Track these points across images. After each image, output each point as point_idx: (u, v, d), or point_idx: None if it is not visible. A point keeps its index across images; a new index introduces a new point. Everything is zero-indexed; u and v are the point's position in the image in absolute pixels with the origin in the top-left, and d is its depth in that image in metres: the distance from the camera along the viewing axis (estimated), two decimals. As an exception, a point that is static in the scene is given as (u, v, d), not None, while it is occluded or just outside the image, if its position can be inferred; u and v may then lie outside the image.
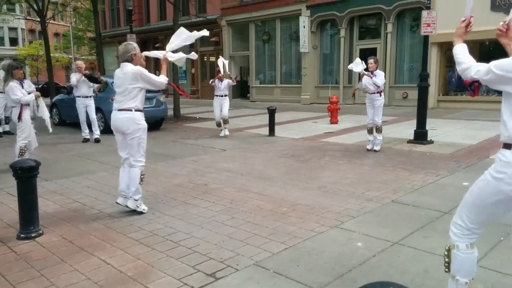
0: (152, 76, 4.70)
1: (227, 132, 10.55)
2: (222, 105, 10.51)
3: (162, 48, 22.32)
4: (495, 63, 2.27)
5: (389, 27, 17.30)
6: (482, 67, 2.35)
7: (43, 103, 7.16)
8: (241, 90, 23.63)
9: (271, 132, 10.63)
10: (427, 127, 9.02)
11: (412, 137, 9.06)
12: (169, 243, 3.95)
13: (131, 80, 4.58)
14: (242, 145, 9.42)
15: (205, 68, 25.83)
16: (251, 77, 22.97)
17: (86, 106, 9.99)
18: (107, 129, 11.23)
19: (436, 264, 3.34)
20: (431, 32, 8.79)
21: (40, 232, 4.17)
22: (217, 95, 10.62)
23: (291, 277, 3.21)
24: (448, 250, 2.55)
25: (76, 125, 12.34)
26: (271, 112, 10.66)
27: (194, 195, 5.53)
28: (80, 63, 9.94)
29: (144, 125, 4.78)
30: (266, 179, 6.28)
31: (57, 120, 13.69)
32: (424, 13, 8.80)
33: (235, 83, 11.36)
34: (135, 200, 4.77)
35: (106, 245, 3.92)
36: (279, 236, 4.03)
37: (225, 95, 10.56)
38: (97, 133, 10.12)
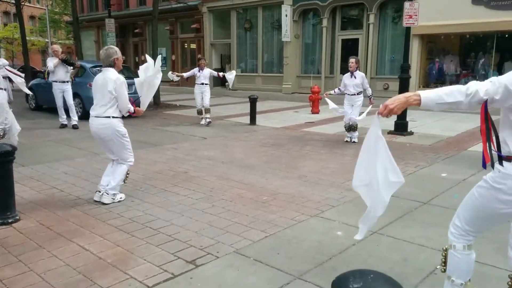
0: (125, 96, 4.53)
1: (208, 121, 10.46)
2: (203, 94, 10.42)
3: (141, 34, 21.88)
4: (506, 79, 2.04)
5: (371, 18, 17.35)
6: (486, 85, 2.09)
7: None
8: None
9: (252, 121, 10.61)
10: (407, 119, 9.13)
11: (392, 128, 9.16)
12: (149, 230, 3.91)
13: (111, 87, 4.44)
14: (223, 133, 9.38)
15: (185, 55, 25.52)
16: (232, 65, 22.80)
17: (63, 91, 9.76)
18: (85, 115, 11.03)
19: (414, 253, 3.41)
20: (413, 23, 8.86)
21: (17, 218, 4.08)
22: (197, 83, 10.52)
23: (271, 265, 3.22)
24: (445, 250, 2.50)
25: (53, 110, 12.08)
26: (253, 101, 10.62)
27: (174, 182, 5.48)
28: (57, 47, 9.69)
29: (124, 130, 4.67)
30: (247, 168, 6.27)
31: (34, 105, 13.37)
32: (407, 4, 8.85)
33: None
34: (107, 194, 4.61)
35: (85, 232, 3.86)
36: (260, 224, 4.04)
37: (206, 84, 10.46)
38: (75, 119, 9.92)
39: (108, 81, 4.43)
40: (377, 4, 17.14)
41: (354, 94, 8.04)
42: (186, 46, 25.35)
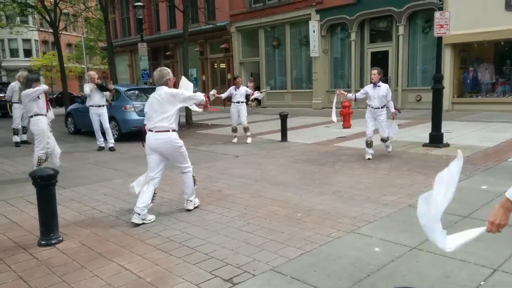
0: (186, 92, 4.91)
1: (249, 140, 10.53)
2: (239, 112, 10.55)
3: (173, 56, 22.51)
4: None
5: (401, 30, 17.22)
6: None
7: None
8: (252, 96, 23.67)
9: (284, 137, 10.63)
10: (443, 130, 8.94)
11: (427, 140, 8.98)
12: (186, 249, 3.97)
13: (168, 102, 4.77)
14: (254, 151, 9.43)
15: (215, 75, 25.97)
16: (262, 83, 23.01)
17: (99, 115, 10.09)
18: (121, 137, 11.38)
19: (457, 269, 3.31)
20: (445, 33, 8.73)
21: (60, 239, 4.22)
22: (234, 102, 10.66)
23: (309, 283, 3.20)
24: None
25: (91, 134, 12.48)
26: (283, 118, 10.66)
27: (208, 201, 5.55)
28: (93, 73, 10.07)
29: (181, 142, 5.02)
30: (280, 185, 6.28)
31: (72, 129, 13.87)
32: (437, 14, 8.74)
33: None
34: (189, 201, 5.14)
35: (124, 251, 3.95)
36: (295, 241, 4.03)
37: (242, 102, 10.57)
38: (111, 141, 10.22)
39: (164, 97, 4.78)
40: (406, 15, 17.01)
41: (378, 108, 7.76)
42: (215, 66, 25.81)
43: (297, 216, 4.78)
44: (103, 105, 10.09)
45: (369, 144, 7.88)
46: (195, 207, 5.22)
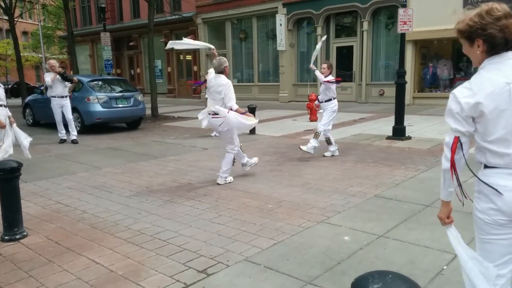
0: (232, 96, 5.78)
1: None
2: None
3: (136, 46, 21.95)
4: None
5: (365, 25, 17.54)
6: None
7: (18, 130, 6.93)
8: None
9: (252, 130, 10.64)
10: (404, 124, 9.21)
11: (390, 134, 9.25)
12: (158, 241, 3.94)
13: (221, 90, 5.71)
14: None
15: (181, 66, 25.65)
16: (229, 75, 22.90)
17: (61, 106, 9.80)
18: (84, 130, 11.10)
19: (421, 255, 3.45)
20: (408, 29, 8.97)
21: (25, 234, 4.10)
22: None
23: (282, 271, 3.26)
24: None
25: (51, 125, 12.10)
26: (251, 111, 10.67)
27: (179, 194, 5.52)
28: (53, 62, 9.74)
29: (233, 129, 5.94)
30: (250, 177, 6.31)
31: (31, 121, 13.40)
32: (401, 11, 8.98)
33: None
34: (221, 177, 5.90)
35: (94, 245, 3.88)
36: (267, 232, 4.07)
37: None
38: (74, 133, 9.94)
39: (219, 85, 5.71)
40: (370, 11, 17.34)
41: (323, 102, 7.52)
42: (181, 58, 25.49)
43: (268, 207, 4.83)
44: (65, 96, 9.80)
45: (327, 141, 7.59)
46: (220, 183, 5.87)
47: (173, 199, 5.30)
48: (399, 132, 9.04)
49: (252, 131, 10.60)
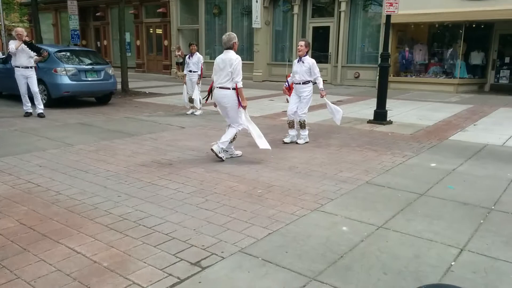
0: (240, 72, 5.69)
1: (197, 112, 10.03)
2: (192, 81, 10.00)
3: (103, 17, 21.05)
4: None
5: (343, 6, 17.30)
6: None
7: None
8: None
9: (229, 109, 10.31)
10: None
11: (370, 117, 9.15)
12: (143, 228, 3.63)
13: (230, 65, 5.62)
14: (200, 122, 9.08)
15: (151, 40, 24.73)
16: (201, 52, 22.26)
17: (26, 77, 9.12)
18: (50, 103, 10.46)
19: (425, 249, 3.31)
20: (394, 11, 8.80)
21: (-7, 218, 3.70)
22: (186, 70, 10.08)
23: (282, 265, 3.04)
24: None
25: (14, 97, 11.39)
26: (229, 89, 10.31)
27: (160, 175, 5.19)
28: (21, 30, 9.02)
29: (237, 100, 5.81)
30: (234, 159, 6.05)
31: (-8, 91, 12.54)
32: (387, -8, 8.77)
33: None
34: (219, 147, 5.81)
35: (72, 231, 3.54)
36: (260, 220, 3.84)
37: (195, 71, 9.98)
38: (40, 107, 9.32)
39: (229, 61, 5.64)
40: (348, -8, 17.10)
41: (300, 83, 6.96)
42: (151, 31, 24.53)
43: (258, 192, 4.59)
44: (31, 67, 9.12)
45: (289, 124, 7.15)
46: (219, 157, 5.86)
47: (154, 180, 4.97)
48: (380, 116, 8.95)
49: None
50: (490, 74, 16.44)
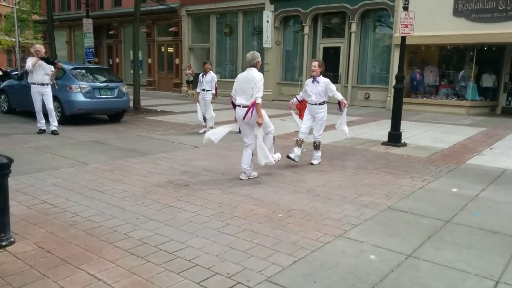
0: (261, 89, 5.71)
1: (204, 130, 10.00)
2: (205, 101, 9.95)
3: (116, 35, 21.28)
4: None
5: (353, 27, 17.40)
6: None
7: None
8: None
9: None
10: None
11: (383, 139, 9.06)
12: (164, 254, 3.53)
13: (252, 83, 5.65)
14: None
15: (162, 58, 24.95)
16: (212, 70, 22.38)
17: (42, 94, 9.16)
18: (64, 120, 10.48)
19: (459, 280, 3.18)
20: (409, 33, 8.80)
21: (12, 240, 3.61)
22: (200, 89, 10.05)
23: (311, 296, 2.92)
24: None
25: (27, 114, 11.44)
26: (242, 108, 10.28)
27: (177, 196, 5.11)
28: (39, 47, 9.09)
29: (263, 113, 5.80)
30: (251, 181, 5.95)
31: (6, 108, 12.60)
32: (403, 14, 8.78)
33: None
34: (270, 156, 5.83)
35: (92, 256, 3.44)
36: (284, 246, 3.73)
37: (208, 90, 9.94)
38: (54, 124, 9.31)
39: (252, 78, 5.68)
40: (359, 13, 17.20)
41: (316, 104, 6.88)
42: (163, 50, 24.81)
43: (278, 216, 4.49)
44: (46, 84, 9.15)
45: (298, 142, 6.98)
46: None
47: (172, 202, 4.89)
48: (395, 138, 8.85)
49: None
50: (501, 97, 16.36)
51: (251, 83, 5.67)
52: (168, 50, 24.39)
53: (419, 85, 16.73)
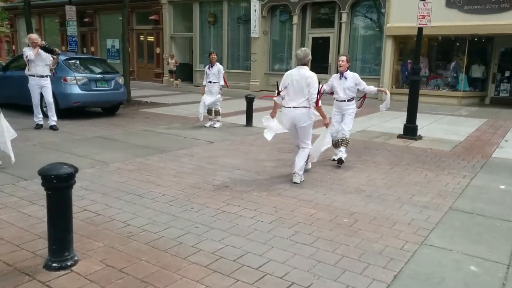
0: (316, 88, 5.27)
1: (217, 125, 9.57)
2: (211, 93, 9.46)
3: (91, 23, 20.26)
4: None
5: (344, 17, 17.18)
6: None
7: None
8: (186, 74, 22.22)
9: (249, 122, 9.91)
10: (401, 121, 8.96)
11: (394, 131, 8.96)
12: (249, 270, 3.18)
13: (306, 82, 5.27)
14: (226, 136, 8.61)
15: (141, 47, 24.05)
16: (195, 60, 21.79)
17: (41, 87, 8.48)
18: (58, 114, 9.78)
19: None
20: (426, 24, 8.63)
21: (76, 258, 3.16)
22: (206, 82, 9.51)
23: (435, 316, 2.66)
24: None
25: (14, 107, 10.66)
26: (249, 101, 9.93)
27: (223, 200, 4.73)
28: (35, 37, 8.37)
29: (314, 119, 5.52)
30: (287, 180, 5.60)
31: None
32: (420, 4, 8.60)
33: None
34: (298, 174, 5.46)
35: (173, 276, 3.05)
36: (372, 257, 3.44)
37: (214, 82, 9.41)
38: (53, 119, 8.66)
39: (304, 78, 5.28)
40: (349, 3, 16.96)
41: (344, 101, 6.57)
42: (142, 38, 23.88)
43: (344, 221, 4.20)
44: (46, 76, 8.48)
45: (335, 144, 6.56)
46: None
47: (221, 207, 4.52)
48: (411, 131, 8.71)
49: (249, 122, 9.89)
50: (490, 87, 16.61)
51: (305, 85, 5.27)
52: (148, 39, 23.50)
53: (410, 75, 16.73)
